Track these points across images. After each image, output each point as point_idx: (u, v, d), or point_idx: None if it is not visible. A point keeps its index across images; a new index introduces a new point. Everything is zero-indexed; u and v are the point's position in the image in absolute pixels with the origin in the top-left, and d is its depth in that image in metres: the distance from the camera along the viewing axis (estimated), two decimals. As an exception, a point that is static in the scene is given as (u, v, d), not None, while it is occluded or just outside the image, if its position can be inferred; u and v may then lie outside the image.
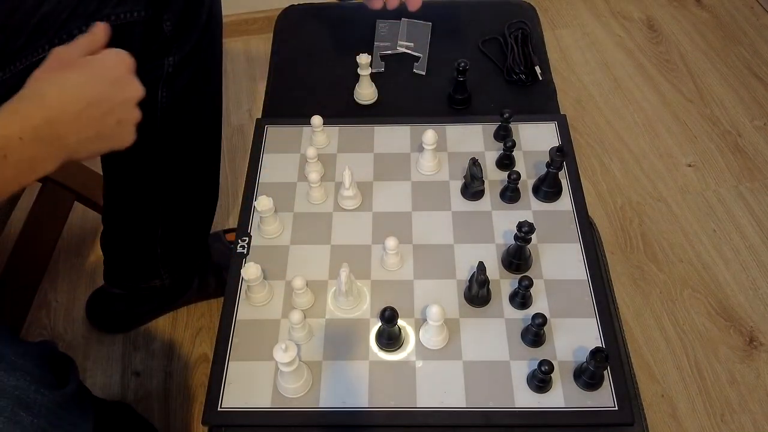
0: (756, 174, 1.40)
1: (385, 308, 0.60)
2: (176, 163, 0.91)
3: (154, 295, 1.11)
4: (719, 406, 1.08)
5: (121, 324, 1.16)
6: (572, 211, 0.74)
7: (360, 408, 0.60)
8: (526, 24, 0.94)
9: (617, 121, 1.50)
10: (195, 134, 0.91)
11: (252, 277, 0.65)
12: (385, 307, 0.60)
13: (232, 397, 0.61)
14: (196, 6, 0.79)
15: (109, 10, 0.72)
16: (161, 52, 0.79)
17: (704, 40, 1.68)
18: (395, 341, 0.63)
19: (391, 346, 0.64)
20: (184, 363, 1.14)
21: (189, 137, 0.90)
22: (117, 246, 1.04)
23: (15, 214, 0.86)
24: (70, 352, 1.13)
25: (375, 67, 0.89)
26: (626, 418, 0.60)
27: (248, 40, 1.65)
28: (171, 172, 0.91)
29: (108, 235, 1.03)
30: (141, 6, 0.73)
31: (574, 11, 1.77)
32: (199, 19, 0.80)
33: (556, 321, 0.65)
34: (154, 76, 0.80)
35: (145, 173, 0.90)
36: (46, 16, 0.69)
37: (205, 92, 0.89)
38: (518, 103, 0.87)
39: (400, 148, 0.80)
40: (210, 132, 0.95)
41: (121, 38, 0.74)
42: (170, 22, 0.77)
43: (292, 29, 0.99)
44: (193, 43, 0.81)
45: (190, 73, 0.83)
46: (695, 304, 1.20)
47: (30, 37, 0.69)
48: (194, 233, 1.05)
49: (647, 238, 1.29)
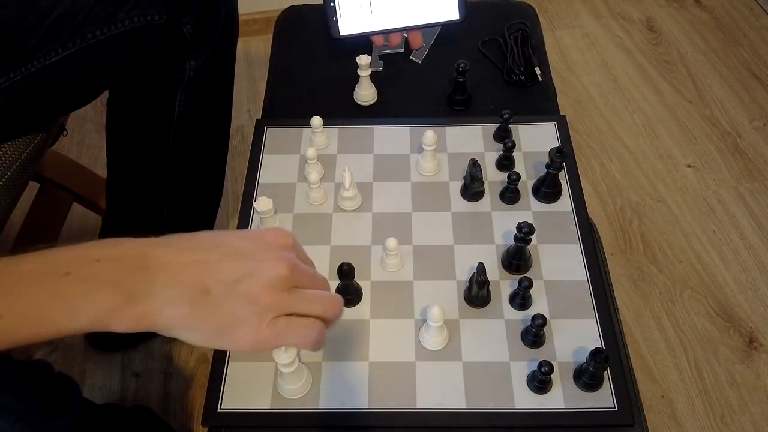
0: (756, 175, 1.40)
1: (342, 264, 0.63)
2: (185, 163, 0.90)
3: None
4: (719, 407, 1.08)
5: (119, 343, 1.15)
6: (572, 212, 0.74)
7: (360, 409, 0.60)
8: (526, 25, 0.94)
9: (617, 122, 1.50)
10: (207, 136, 0.91)
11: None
12: (342, 263, 0.63)
13: (231, 398, 0.61)
14: (215, 9, 0.79)
15: (124, 14, 0.71)
16: (182, 56, 0.79)
17: (704, 40, 1.68)
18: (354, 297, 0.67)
19: (350, 303, 0.67)
20: (184, 364, 1.14)
21: (201, 139, 0.90)
22: None
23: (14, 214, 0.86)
24: (70, 353, 1.13)
25: (373, 66, 0.89)
26: (626, 419, 0.60)
27: (248, 40, 1.65)
28: (179, 172, 0.91)
29: (108, 233, 1.02)
30: (156, 9, 0.72)
31: (574, 12, 1.77)
32: (219, 21, 0.80)
33: (555, 322, 0.65)
34: (175, 80, 0.80)
35: (153, 173, 0.90)
36: (60, 18, 0.69)
37: (221, 95, 0.89)
38: (518, 104, 0.87)
39: (400, 149, 0.80)
40: (220, 134, 0.95)
41: (137, 42, 0.74)
42: (190, 26, 0.76)
43: (292, 30, 0.99)
44: (213, 46, 0.80)
45: (209, 76, 0.82)
46: (695, 305, 1.20)
47: (42, 40, 0.69)
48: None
49: (647, 238, 1.29)
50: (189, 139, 0.87)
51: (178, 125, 0.84)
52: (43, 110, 0.79)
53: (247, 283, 0.42)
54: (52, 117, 0.85)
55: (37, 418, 0.51)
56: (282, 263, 0.43)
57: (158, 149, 0.86)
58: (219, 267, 0.42)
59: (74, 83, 0.75)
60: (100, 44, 0.72)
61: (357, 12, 0.81)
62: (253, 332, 0.42)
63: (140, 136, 0.86)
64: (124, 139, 0.88)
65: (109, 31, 0.72)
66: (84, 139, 1.47)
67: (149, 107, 0.83)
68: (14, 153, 0.80)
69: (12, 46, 0.68)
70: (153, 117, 0.83)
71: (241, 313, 0.42)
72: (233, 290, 0.42)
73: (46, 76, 0.71)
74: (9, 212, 0.84)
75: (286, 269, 0.43)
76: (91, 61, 0.73)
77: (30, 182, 0.89)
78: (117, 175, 0.93)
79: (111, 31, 0.72)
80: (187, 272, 0.42)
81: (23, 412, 0.50)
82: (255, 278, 0.42)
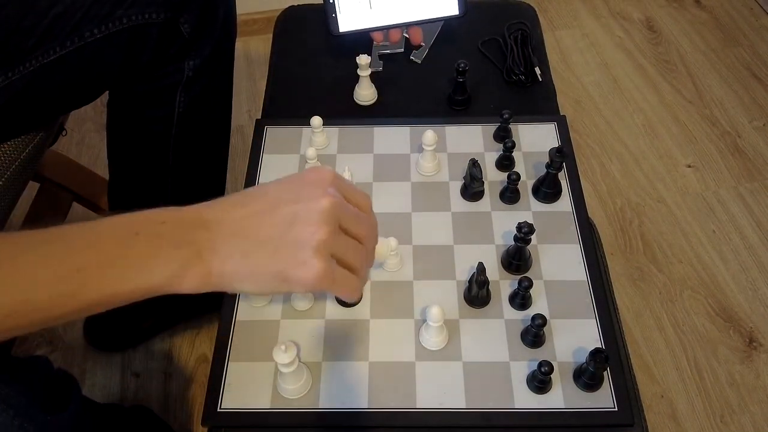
0: (755, 175, 1.40)
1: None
2: (186, 164, 0.90)
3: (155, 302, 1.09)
4: (719, 406, 1.08)
5: (119, 343, 1.15)
6: (572, 212, 0.74)
7: (360, 409, 0.60)
8: (526, 25, 0.94)
9: (617, 122, 1.50)
10: (207, 137, 0.91)
11: None
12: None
13: (231, 398, 0.61)
14: (213, 8, 0.78)
15: (122, 12, 0.71)
16: (181, 56, 0.78)
17: (703, 40, 1.68)
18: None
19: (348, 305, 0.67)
20: (184, 364, 1.14)
21: (201, 140, 0.90)
22: None
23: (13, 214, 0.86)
24: (70, 353, 1.13)
25: (373, 66, 0.89)
26: (626, 418, 0.60)
27: (248, 40, 1.65)
28: (180, 173, 0.91)
29: None
30: (155, 8, 0.72)
31: (574, 12, 1.77)
32: (217, 21, 0.79)
33: (555, 322, 0.65)
34: (173, 80, 0.80)
35: (154, 175, 0.90)
36: (59, 17, 0.69)
37: (220, 95, 0.89)
38: (518, 104, 0.87)
39: (400, 149, 0.80)
40: (220, 134, 0.94)
41: (135, 40, 0.74)
42: (188, 25, 0.76)
43: (292, 30, 0.99)
44: (212, 46, 0.80)
45: (208, 76, 0.82)
46: (695, 305, 1.20)
47: (41, 38, 0.69)
48: None
49: (647, 238, 1.29)
50: (189, 140, 0.87)
51: (178, 126, 0.84)
52: (42, 109, 0.79)
53: (298, 225, 0.45)
54: (51, 116, 0.85)
55: (37, 412, 0.52)
56: (325, 199, 0.46)
57: (159, 151, 0.86)
58: (269, 216, 0.45)
59: (73, 82, 0.75)
60: (98, 43, 0.72)
61: (356, 8, 0.81)
62: (312, 270, 0.44)
63: (141, 138, 0.86)
64: (125, 141, 0.88)
65: (107, 30, 0.72)
66: (84, 139, 1.47)
67: (149, 108, 0.83)
68: (14, 153, 0.80)
69: (11, 45, 0.68)
70: (153, 118, 0.83)
71: (297, 253, 0.44)
72: (286, 234, 0.44)
73: (45, 75, 0.71)
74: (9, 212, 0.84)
75: (329, 204, 0.45)
76: (89, 59, 0.73)
77: (30, 182, 0.89)
78: (118, 176, 0.93)
79: (109, 30, 0.72)
80: (242, 226, 0.45)
81: (23, 407, 0.50)
82: (303, 219, 0.45)
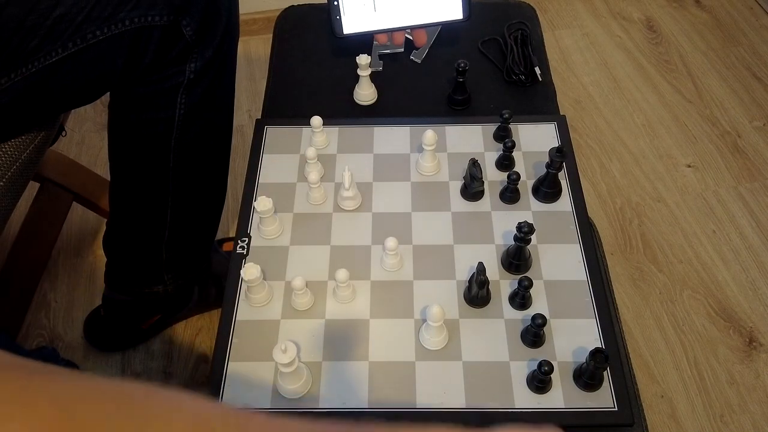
0: (755, 174, 1.40)
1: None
2: (187, 167, 0.90)
3: (156, 303, 1.09)
4: (719, 406, 1.08)
5: (119, 343, 1.15)
6: (572, 211, 0.74)
7: (360, 409, 0.60)
8: (526, 25, 0.94)
9: (617, 122, 1.51)
10: (209, 139, 0.90)
11: (252, 278, 0.64)
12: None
13: (231, 398, 0.61)
14: (215, 11, 0.78)
15: (125, 14, 0.71)
16: (182, 58, 0.78)
17: (704, 40, 1.68)
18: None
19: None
20: (184, 363, 1.14)
21: (203, 142, 0.89)
22: (121, 248, 1.01)
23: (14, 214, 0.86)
24: (70, 352, 1.13)
25: (373, 66, 0.89)
26: (626, 418, 0.60)
27: (248, 40, 1.66)
28: (181, 176, 0.90)
29: (112, 237, 1.01)
30: (157, 10, 0.72)
31: (574, 12, 1.77)
32: (220, 24, 0.79)
33: (555, 322, 0.65)
34: (175, 82, 0.79)
35: (156, 177, 0.89)
36: (61, 18, 0.69)
37: (222, 98, 0.88)
38: (518, 103, 0.87)
39: (400, 149, 0.80)
40: (222, 137, 0.94)
41: (137, 42, 0.74)
42: (190, 27, 0.76)
43: (292, 30, 0.99)
44: (214, 49, 0.80)
45: (210, 79, 0.82)
46: (695, 305, 1.20)
47: (43, 40, 0.69)
48: (200, 238, 1.04)
49: (647, 238, 1.29)
50: (191, 142, 0.87)
51: (180, 128, 0.84)
52: (43, 110, 0.79)
53: None
54: (52, 116, 0.85)
55: None
56: None
57: (160, 152, 0.86)
58: None
59: (74, 83, 0.75)
60: (100, 44, 0.72)
61: (361, 10, 0.81)
62: None
63: (142, 140, 0.86)
64: (126, 142, 0.88)
65: (110, 31, 0.72)
66: (84, 139, 1.47)
67: (150, 110, 0.83)
68: (14, 153, 0.80)
69: (13, 46, 0.68)
70: (154, 120, 0.83)
71: None
72: None
73: (47, 76, 0.71)
74: (9, 212, 0.84)
75: None
76: (91, 61, 0.73)
77: (30, 182, 0.89)
78: (120, 179, 0.93)
79: (111, 31, 0.72)
80: None
81: None
82: None
